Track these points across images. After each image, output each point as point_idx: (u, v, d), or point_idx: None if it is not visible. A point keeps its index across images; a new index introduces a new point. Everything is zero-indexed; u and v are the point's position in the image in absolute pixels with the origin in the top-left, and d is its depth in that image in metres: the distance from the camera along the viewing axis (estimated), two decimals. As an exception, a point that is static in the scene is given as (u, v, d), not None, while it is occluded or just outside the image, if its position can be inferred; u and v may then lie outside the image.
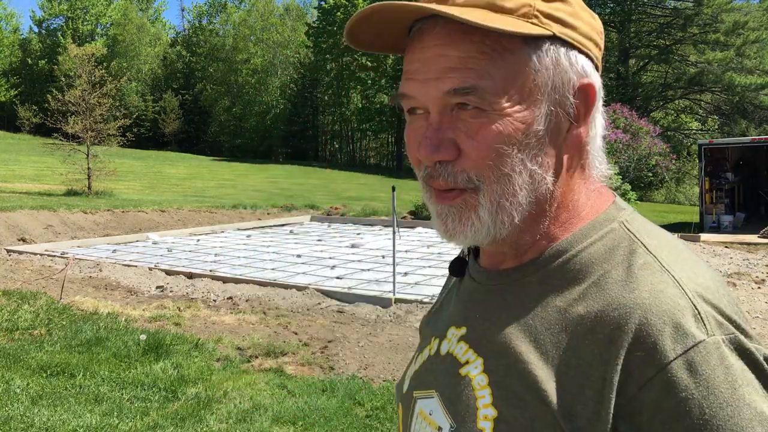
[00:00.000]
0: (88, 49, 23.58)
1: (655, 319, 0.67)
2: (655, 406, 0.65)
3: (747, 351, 0.67)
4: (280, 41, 60.02)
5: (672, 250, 0.74)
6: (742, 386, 0.65)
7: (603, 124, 0.81)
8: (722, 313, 0.68)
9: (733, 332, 0.67)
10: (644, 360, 0.66)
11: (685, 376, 0.65)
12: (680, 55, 39.69)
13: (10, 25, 69.99)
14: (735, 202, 17.40)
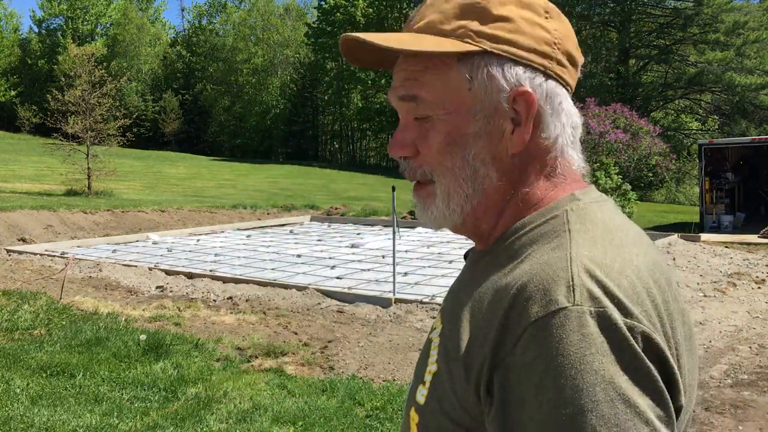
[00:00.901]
0: (88, 49, 23.58)
1: (532, 286, 0.75)
2: (519, 361, 0.72)
3: (614, 326, 0.71)
4: (280, 41, 60.01)
5: (594, 237, 0.80)
6: (594, 354, 0.69)
7: (570, 124, 0.88)
8: (605, 290, 0.73)
9: (605, 307, 0.72)
10: (516, 320, 0.74)
11: (541, 337, 0.71)
12: (680, 55, 39.67)
13: (10, 25, 69.99)
14: (735, 202, 17.40)
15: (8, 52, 64.34)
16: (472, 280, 0.87)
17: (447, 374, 0.82)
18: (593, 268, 0.75)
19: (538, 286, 0.74)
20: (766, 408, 4.88)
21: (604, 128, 21.80)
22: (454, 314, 0.85)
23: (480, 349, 0.77)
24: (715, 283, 8.95)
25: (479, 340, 0.78)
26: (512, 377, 0.73)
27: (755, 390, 5.23)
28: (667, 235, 13.31)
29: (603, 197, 0.90)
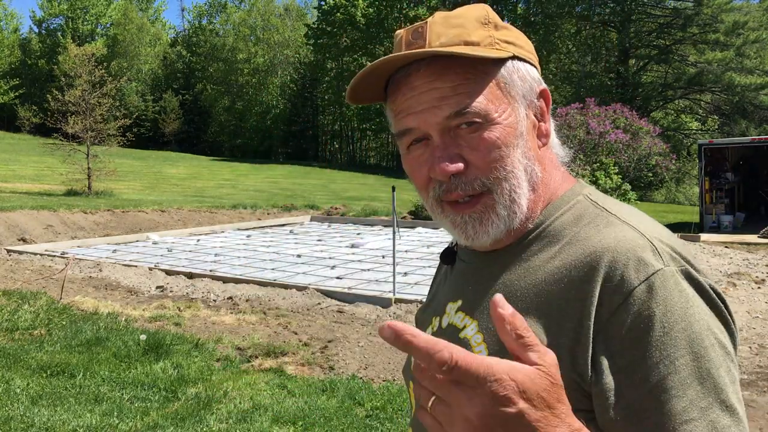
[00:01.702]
0: (88, 49, 23.57)
1: (621, 256, 0.81)
2: (625, 327, 0.78)
3: (696, 280, 0.82)
4: (280, 41, 60.00)
5: (631, 211, 0.90)
6: (693, 306, 0.80)
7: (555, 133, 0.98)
8: (675, 251, 0.84)
9: (684, 265, 0.82)
10: (614, 290, 0.80)
11: (648, 298, 0.79)
12: (680, 55, 39.66)
13: (10, 25, 69.98)
14: (735, 202, 17.40)
15: (8, 53, 64.33)
16: (497, 274, 0.92)
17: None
18: (657, 235, 0.85)
19: (627, 255, 0.81)
20: (766, 408, 4.88)
21: (604, 128, 21.80)
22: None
23: (562, 328, 0.82)
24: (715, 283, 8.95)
25: (557, 320, 0.82)
26: (622, 339, 0.79)
27: (755, 390, 5.23)
28: (667, 235, 13.32)
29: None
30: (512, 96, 0.89)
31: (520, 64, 0.91)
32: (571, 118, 22.45)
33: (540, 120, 0.93)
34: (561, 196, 0.93)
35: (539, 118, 0.93)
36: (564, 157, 0.98)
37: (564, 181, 0.96)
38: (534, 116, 0.92)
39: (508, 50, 0.90)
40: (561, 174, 0.96)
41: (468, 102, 0.87)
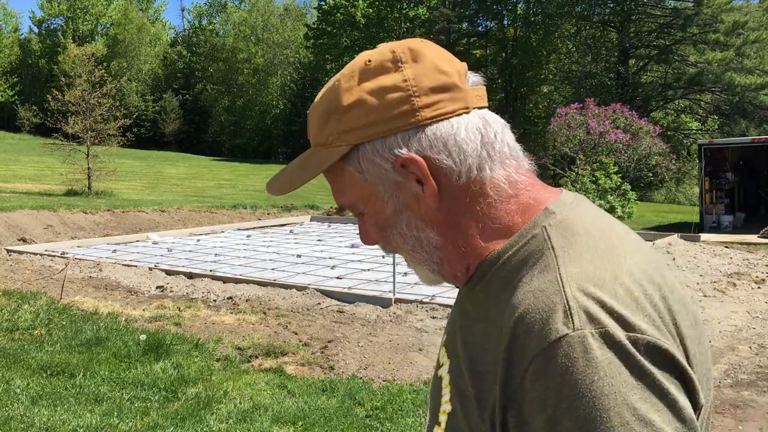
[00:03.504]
0: (88, 49, 23.59)
1: (528, 317, 0.73)
2: (529, 396, 0.71)
3: (618, 344, 0.70)
4: (280, 41, 59.99)
5: (580, 249, 0.79)
6: (603, 378, 0.68)
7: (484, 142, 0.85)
8: (602, 306, 0.72)
9: (605, 326, 0.71)
10: (520, 354, 0.72)
11: (547, 369, 0.70)
12: (680, 55, 39.64)
13: (10, 25, 69.98)
14: (735, 202, 17.40)
15: (8, 52, 64.32)
16: (466, 311, 0.88)
17: (462, 414, 0.82)
18: (586, 284, 0.74)
19: (535, 316, 0.73)
20: (766, 408, 4.88)
21: (604, 128, 21.80)
22: (456, 348, 0.87)
23: (490, 387, 0.76)
24: (715, 283, 8.95)
25: (488, 378, 0.77)
26: (525, 412, 0.72)
27: (755, 390, 5.23)
28: (667, 235, 13.31)
29: (576, 198, 0.88)
30: (370, 182, 0.86)
31: (366, 149, 0.85)
32: (571, 118, 22.45)
33: (421, 183, 0.84)
34: (520, 231, 0.84)
35: (422, 182, 0.84)
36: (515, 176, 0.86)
37: (525, 213, 0.85)
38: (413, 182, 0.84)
39: (346, 142, 0.85)
40: (518, 207, 0.85)
41: (340, 201, 0.92)
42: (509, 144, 0.88)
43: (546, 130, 26.19)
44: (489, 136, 0.85)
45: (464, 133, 0.84)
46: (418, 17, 50.54)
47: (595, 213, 0.87)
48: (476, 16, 48.46)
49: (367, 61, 0.87)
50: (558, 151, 23.49)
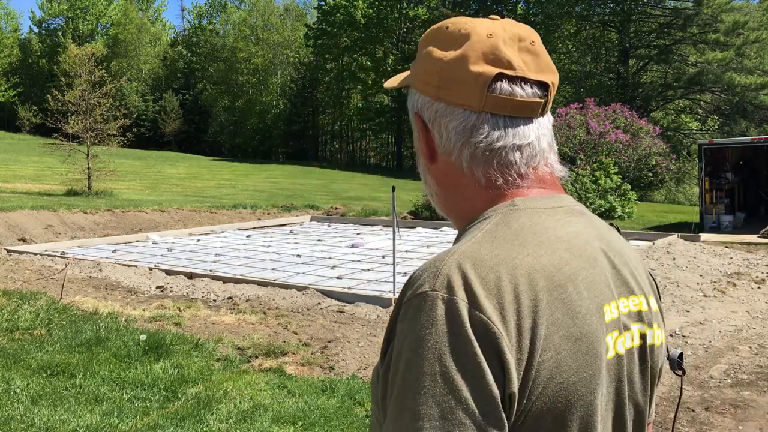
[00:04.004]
0: (88, 49, 23.58)
1: (417, 272, 0.88)
2: (396, 332, 0.86)
3: (457, 313, 0.82)
4: (280, 41, 59.98)
5: (496, 237, 0.90)
6: (433, 334, 0.81)
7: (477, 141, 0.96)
8: (465, 281, 0.84)
9: (455, 296, 0.83)
10: (400, 299, 0.88)
11: (406, 314, 0.85)
12: (680, 55, 39.63)
13: (10, 25, 69.96)
14: (735, 202, 17.39)
15: (8, 52, 64.31)
16: None
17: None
18: (465, 261, 0.86)
19: (419, 273, 0.88)
20: (766, 408, 4.88)
21: (604, 128, 21.80)
22: None
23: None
24: (714, 283, 8.95)
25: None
26: (393, 344, 0.86)
27: (755, 390, 5.23)
28: (667, 235, 13.31)
29: (553, 203, 0.97)
30: (413, 120, 1.04)
31: (412, 93, 1.04)
32: (571, 118, 22.45)
33: (421, 141, 1.02)
34: (483, 213, 0.96)
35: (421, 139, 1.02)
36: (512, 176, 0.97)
37: (496, 199, 0.97)
38: (421, 138, 1.02)
39: (410, 80, 1.05)
40: (496, 193, 0.97)
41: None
42: (508, 155, 0.97)
43: (546, 130, 26.12)
44: (475, 140, 0.96)
45: (455, 123, 0.97)
46: (418, 17, 50.54)
47: (555, 219, 0.95)
48: (476, 16, 48.45)
49: (446, 27, 1.01)
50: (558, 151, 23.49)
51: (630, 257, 1.01)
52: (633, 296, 0.97)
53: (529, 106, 0.96)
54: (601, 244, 0.96)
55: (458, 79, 0.96)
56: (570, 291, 0.88)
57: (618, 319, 0.93)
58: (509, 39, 0.97)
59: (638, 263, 1.03)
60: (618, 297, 0.95)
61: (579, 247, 0.93)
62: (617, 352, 0.93)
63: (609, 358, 0.91)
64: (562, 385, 0.85)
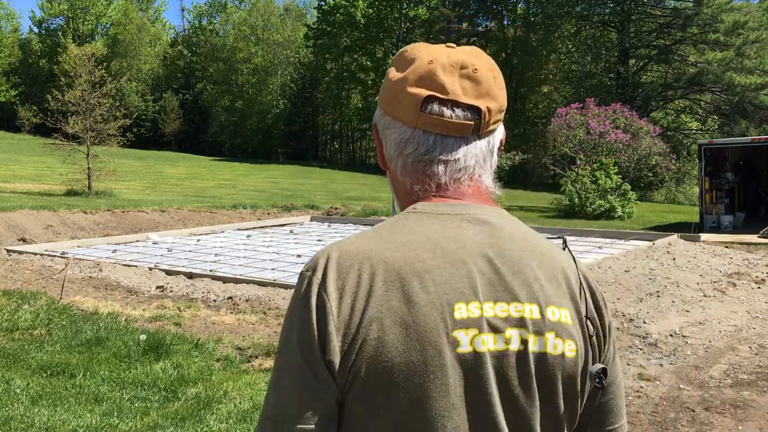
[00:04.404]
0: (88, 49, 23.58)
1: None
2: None
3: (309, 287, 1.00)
4: (280, 41, 59.97)
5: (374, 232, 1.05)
6: (294, 301, 1.01)
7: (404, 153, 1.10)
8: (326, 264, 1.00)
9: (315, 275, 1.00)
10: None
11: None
12: (680, 55, 39.62)
13: (10, 25, 69.96)
14: (735, 202, 17.39)
15: (8, 52, 64.30)
16: None
17: None
18: (335, 250, 1.02)
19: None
20: (766, 408, 4.88)
21: (604, 128, 21.79)
22: None
23: None
24: (715, 283, 8.95)
25: None
26: None
27: (755, 390, 5.23)
28: (667, 235, 13.31)
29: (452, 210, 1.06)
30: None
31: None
32: (571, 118, 22.44)
33: (378, 149, 1.18)
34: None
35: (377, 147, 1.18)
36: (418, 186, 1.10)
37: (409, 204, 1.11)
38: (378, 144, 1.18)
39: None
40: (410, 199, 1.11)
41: None
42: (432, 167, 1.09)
43: (546, 130, 26.18)
44: (407, 151, 1.10)
45: (394, 136, 1.11)
46: (418, 17, 50.52)
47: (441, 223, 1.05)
48: (476, 16, 48.47)
49: (406, 51, 1.13)
50: (558, 151, 23.48)
51: (532, 268, 1.05)
52: (515, 303, 1.02)
53: (457, 127, 1.06)
54: (486, 251, 1.03)
55: (398, 97, 1.09)
56: (414, 284, 0.98)
57: (478, 318, 0.99)
58: (450, 66, 1.07)
59: (552, 276, 1.06)
60: (486, 300, 1.01)
61: (447, 250, 1.02)
62: (475, 349, 0.99)
63: (462, 352, 0.98)
64: (387, 364, 0.95)
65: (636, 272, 9.43)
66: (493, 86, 1.09)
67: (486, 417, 1.00)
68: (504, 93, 1.12)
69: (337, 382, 0.96)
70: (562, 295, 1.06)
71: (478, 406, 0.99)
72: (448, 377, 0.97)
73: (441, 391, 0.97)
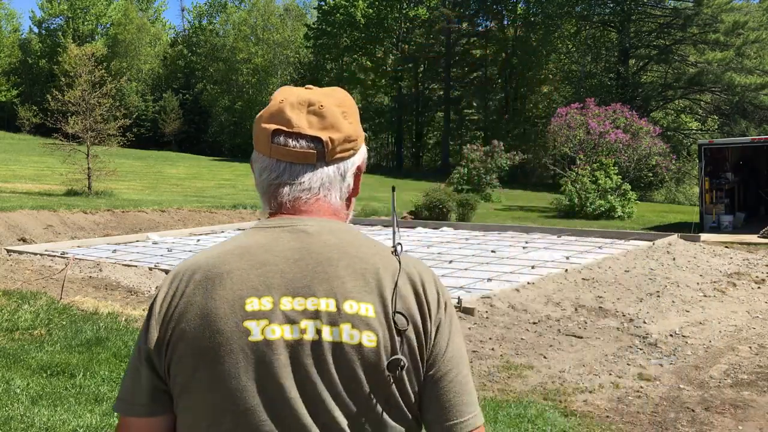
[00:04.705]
0: (88, 49, 23.58)
1: None
2: None
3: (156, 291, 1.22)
4: (280, 41, 59.98)
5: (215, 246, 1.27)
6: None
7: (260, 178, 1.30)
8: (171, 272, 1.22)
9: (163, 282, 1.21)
10: None
11: None
12: (680, 55, 39.63)
13: (10, 25, 69.95)
14: (735, 202, 17.40)
15: (8, 52, 64.29)
16: None
17: None
18: (179, 265, 1.23)
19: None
20: (766, 408, 4.88)
21: (604, 128, 21.80)
22: None
23: None
24: (715, 283, 8.95)
25: None
26: None
27: (755, 390, 5.23)
28: (667, 235, 13.31)
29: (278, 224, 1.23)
30: None
31: None
32: (571, 118, 22.45)
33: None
34: None
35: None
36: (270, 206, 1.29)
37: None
38: None
39: None
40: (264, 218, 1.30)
41: None
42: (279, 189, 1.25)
43: (546, 130, 26.18)
44: (262, 177, 1.27)
45: (258, 165, 1.28)
46: (418, 17, 50.52)
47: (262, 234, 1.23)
48: (476, 16, 48.44)
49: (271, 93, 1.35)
50: (558, 151, 23.49)
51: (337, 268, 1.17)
52: (313, 297, 1.15)
53: (301, 155, 1.23)
54: (293, 255, 1.18)
55: (257, 132, 1.27)
56: (216, 283, 1.16)
57: (270, 311, 1.14)
58: (297, 104, 1.25)
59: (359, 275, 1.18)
60: (283, 295, 1.15)
61: (252, 254, 1.19)
62: (266, 338, 1.13)
63: (254, 341, 1.13)
64: (187, 349, 1.14)
65: (636, 272, 9.43)
66: (339, 120, 1.26)
67: (281, 399, 1.12)
68: (354, 126, 1.29)
69: (158, 365, 1.16)
70: (367, 292, 1.16)
71: (270, 389, 1.12)
72: (238, 362, 1.12)
73: (231, 374, 1.12)
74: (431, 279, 1.23)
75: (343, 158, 1.27)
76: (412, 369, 1.16)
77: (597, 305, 7.72)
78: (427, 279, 1.22)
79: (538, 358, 5.99)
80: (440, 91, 50.97)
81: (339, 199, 1.27)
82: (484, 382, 5.38)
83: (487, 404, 4.79)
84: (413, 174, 42.79)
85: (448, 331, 1.21)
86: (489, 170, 24.74)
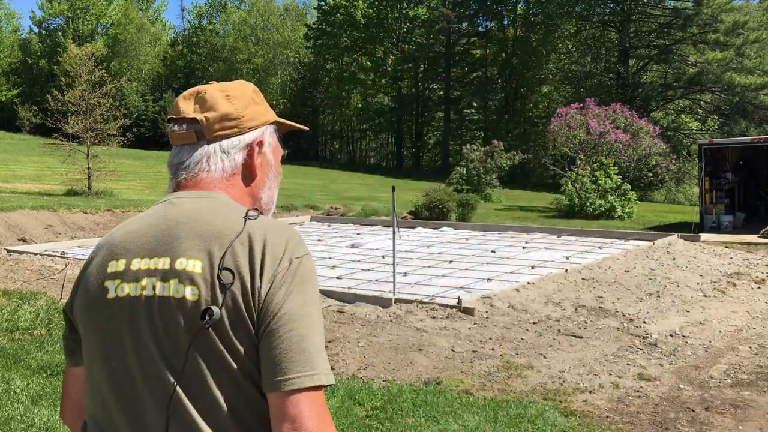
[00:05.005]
0: (88, 49, 23.57)
1: None
2: None
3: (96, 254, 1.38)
4: (280, 41, 59.97)
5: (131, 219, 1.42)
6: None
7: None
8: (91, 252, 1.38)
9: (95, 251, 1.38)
10: None
11: None
12: (680, 55, 39.64)
13: (10, 25, 69.95)
14: (735, 202, 17.39)
15: (8, 53, 64.28)
16: None
17: None
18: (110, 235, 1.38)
19: None
20: (766, 408, 4.88)
21: (604, 128, 21.81)
22: None
23: None
24: (715, 283, 8.95)
25: None
26: None
27: (755, 390, 5.23)
28: (667, 235, 13.31)
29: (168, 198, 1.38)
30: None
31: None
32: (571, 118, 22.46)
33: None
34: None
35: None
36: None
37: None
38: None
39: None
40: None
41: None
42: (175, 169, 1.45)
43: (546, 130, 26.18)
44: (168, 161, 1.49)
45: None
46: (418, 17, 50.52)
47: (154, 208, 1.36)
48: (476, 16, 48.46)
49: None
50: (558, 151, 23.50)
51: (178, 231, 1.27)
52: (155, 258, 1.26)
53: (184, 136, 1.41)
54: (153, 222, 1.31)
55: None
56: (104, 250, 1.33)
57: (123, 272, 1.28)
58: (188, 95, 1.44)
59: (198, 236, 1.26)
60: (135, 257, 1.28)
61: (128, 226, 1.35)
62: (117, 295, 1.26)
63: (110, 298, 1.27)
64: (77, 308, 1.34)
65: (636, 272, 9.43)
66: (218, 101, 1.37)
67: (118, 352, 1.25)
68: (236, 106, 1.38)
69: (73, 322, 1.37)
70: (199, 250, 1.24)
71: (110, 342, 1.26)
72: (99, 317, 1.28)
73: (93, 328, 1.30)
74: (279, 240, 1.25)
75: (225, 135, 1.38)
76: (239, 323, 1.19)
77: (597, 305, 7.72)
78: (271, 239, 1.25)
79: (538, 358, 5.99)
80: (440, 91, 50.98)
81: (221, 172, 1.38)
82: (484, 382, 5.38)
83: (487, 404, 4.79)
84: (413, 174, 42.78)
85: (287, 290, 1.21)
86: (489, 170, 24.75)
